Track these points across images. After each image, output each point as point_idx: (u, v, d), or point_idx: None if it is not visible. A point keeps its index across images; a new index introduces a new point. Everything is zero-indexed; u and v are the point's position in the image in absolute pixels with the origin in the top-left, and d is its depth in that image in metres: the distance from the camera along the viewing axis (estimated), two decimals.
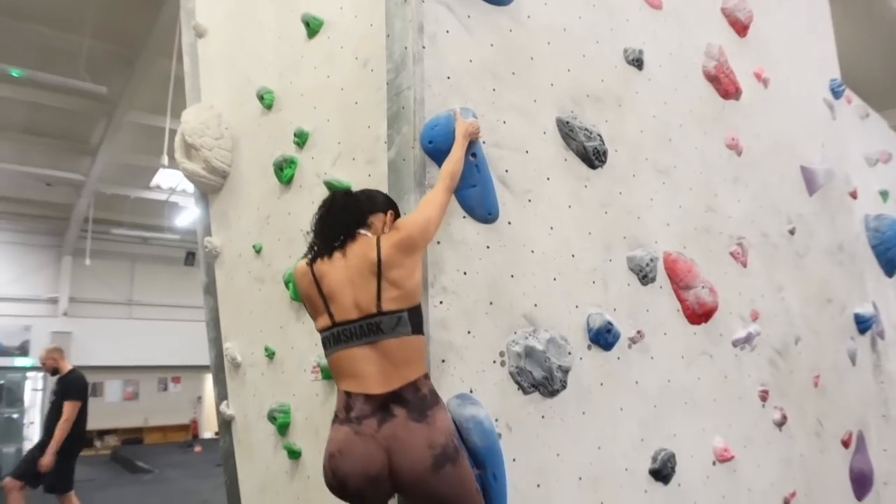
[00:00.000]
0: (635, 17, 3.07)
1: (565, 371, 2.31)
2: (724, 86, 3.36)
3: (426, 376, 1.79)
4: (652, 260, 2.72)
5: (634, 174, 2.84)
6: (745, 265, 3.20)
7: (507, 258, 2.31)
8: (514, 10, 2.60)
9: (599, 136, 2.68)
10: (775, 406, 3.15)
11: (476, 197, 2.26)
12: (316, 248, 1.88)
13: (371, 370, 1.72)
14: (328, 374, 2.44)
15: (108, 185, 13.00)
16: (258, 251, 3.06)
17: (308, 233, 1.94)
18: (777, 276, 3.39)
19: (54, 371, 5.18)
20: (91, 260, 13.88)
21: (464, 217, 2.25)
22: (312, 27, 2.86)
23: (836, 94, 4.24)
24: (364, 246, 1.82)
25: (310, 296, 1.85)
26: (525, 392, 2.23)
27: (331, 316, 1.79)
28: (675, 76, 3.18)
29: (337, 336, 1.77)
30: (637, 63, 2.99)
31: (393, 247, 1.81)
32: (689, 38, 3.32)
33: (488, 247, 2.28)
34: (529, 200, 2.44)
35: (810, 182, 3.76)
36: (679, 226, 2.95)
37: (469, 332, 2.16)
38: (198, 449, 14.18)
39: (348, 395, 1.74)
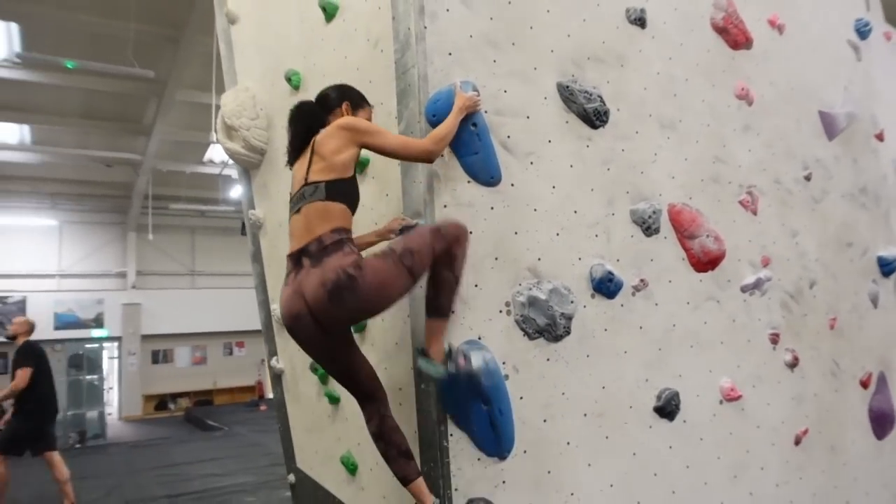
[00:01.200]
0: None
1: (568, 318, 2.56)
2: (733, 36, 3.42)
3: (334, 231, 2.09)
4: (655, 212, 2.90)
5: (638, 131, 2.99)
6: (755, 213, 3.32)
7: (511, 217, 2.55)
8: None
9: (600, 97, 2.85)
10: (787, 348, 3.31)
11: (479, 163, 2.49)
12: (288, 153, 2.32)
13: (296, 233, 2.16)
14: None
15: (163, 162, 13.74)
16: None
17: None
18: (791, 222, 3.49)
19: (13, 338, 6.00)
20: (154, 234, 14.80)
21: (468, 182, 2.49)
22: (329, 11, 3.10)
23: (862, 34, 4.18)
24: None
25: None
26: (530, 338, 2.49)
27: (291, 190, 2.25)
28: (680, 31, 3.26)
29: (289, 206, 2.24)
30: (640, 22, 3.10)
31: (333, 126, 2.18)
32: None
33: (492, 208, 2.52)
34: (531, 163, 2.65)
35: (830, 126, 3.79)
36: (685, 177, 3.10)
37: (476, 286, 2.43)
38: (263, 408, 15.17)
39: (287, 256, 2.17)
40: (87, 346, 13.42)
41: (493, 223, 2.50)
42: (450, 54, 2.55)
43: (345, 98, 2.40)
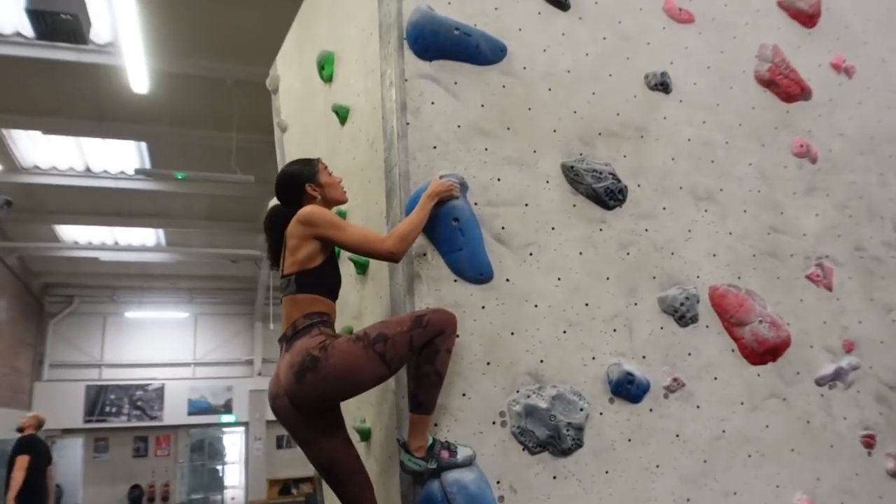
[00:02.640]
0: (658, 39, 2.96)
1: (578, 428, 2.26)
2: (783, 88, 3.05)
3: (306, 315, 2.13)
4: (688, 298, 2.55)
5: (665, 207, 2.70)
6: (829, 288, 2.82)
7: (506, 316, 2.35)
8: (506, 65, 2.68)
9: (612, 174, 2.62)
10: (889, 453, 2.69)
11: (464, 260, 2.34)
12: (269, 259, 2.42)
13: (283, 321, 2.22)
14: None
15: None
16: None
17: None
18: (883, 295, 2.92)
19: (21, 430, 6.67)
20: (274, 324, 15.74)
21: (455, 281, 2.34)
22: (342, 115, 3.19)
23: None
24: None
25: None
26: (531, 452, 2.22)
27: None
28: (715, 90, 2.97)
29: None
30: (662, 87, 2.87)
31: (295, 220, 2.20)
32: (733, 44, 3.09)
33: (483, 307, 2.34)
34: (531, 254, 2.45)
35: None
36: (730, 254, 2.72)
37: (464, 395, 2.23)
38: None
39: None
40: (211, 431, 14.24)
41: (483, 324, 2.31)
42: (434, 148, 2.48)
43: (302, 181, 2.31)
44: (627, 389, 2.36)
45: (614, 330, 2.46)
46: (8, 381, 12.72)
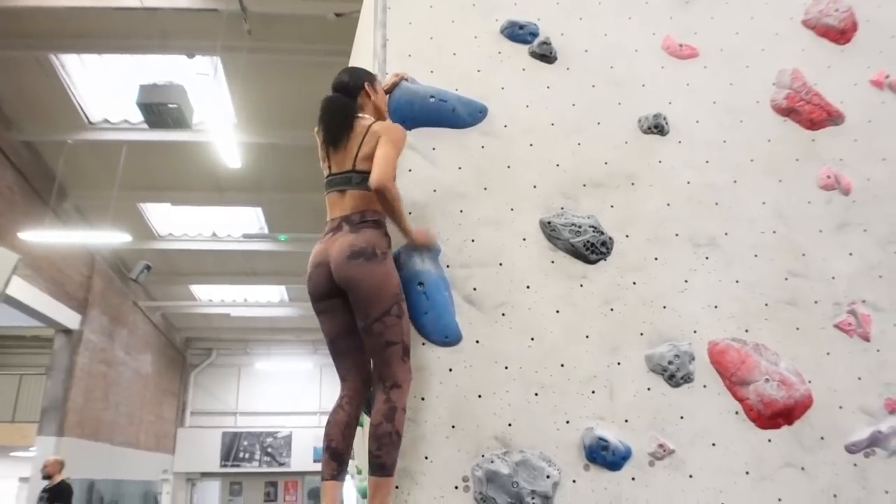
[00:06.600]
0: (654, 79, 2.90)
1: (544, 496, 2.22)
2: (806, 115, 2.84)
3: (375, 212, 2.31)
4: (678, 356, 2.42)
5: (657, 257, 2.60)
6: (865, 338, 2.53)
7: (473, 378, 2.38)
8: (486, 125, 2.77)
9: (593, 227, 2.59)
10: None
11: (430, 323, 2.42)
12: (326, 138, 2.44)
13: (339, 205, 2.37)
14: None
15: None
16: None
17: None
18: None
19: (48, 477, 7.08)
20: None
21: (423, 344, 2.42)
22: None
23: None
24: (357, 125, 2.41)
25: (322, 153, 2.48)
26: None
27: (329, 168, 2.44)
28: (722, 127, 2.84)
29: (329, 182, 2.42)
30: (657, 129, 2.80)
31: (384, 128, 2.36)
32: (745, 74, 2.94)
33: (451, 369, 2.39)
34: (503, 314, 2.48)
35: None
36: (736, 305, 2.55)
37: (427, 458, 2.28)
38: None
39: (326, 222, 2.38)
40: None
41: (449, 387, 2.37)
42: (409, 213, 2.61)
43: (368, 78, 2.54)
44: (602, 456, 2.27)
45: (592, 391, 2.39)
46: (154, 427, 14.29)
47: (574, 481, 2.27)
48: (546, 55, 2.91)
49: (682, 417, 2.38)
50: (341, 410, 2.28)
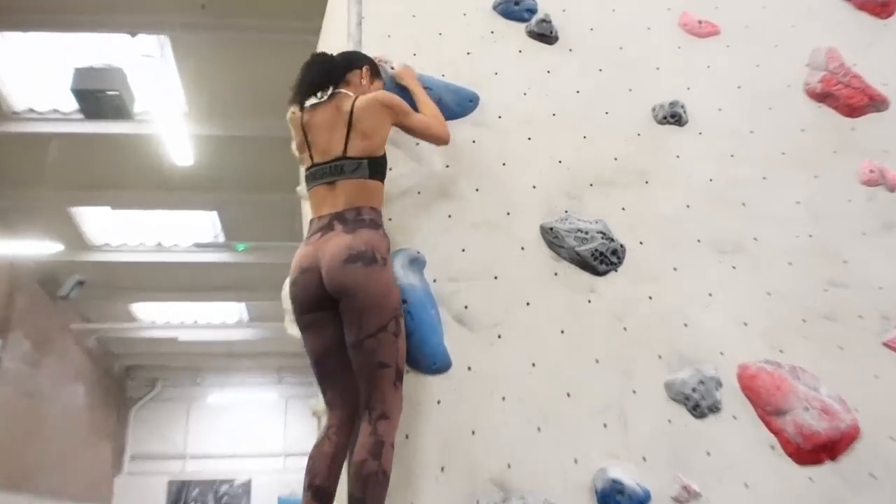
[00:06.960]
0: (670, 61, 2.97)
1: None
2: (844, 100, 2.92)
3: (373, 209, 2.35)
4: (702, 382, 2.46)
5: (676, 266, 2.65)
6: None
7: (466, 411, 2.41)
8: (478, 116, 2.82)
9: (602, 233, 2.63)
10: None
11: (415, 348, 2.44)
12: (298, 92, 2.50)
13: (330, 200, 2.38)
14: None
15: None
16: None
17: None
18: None
19: None
20: None
21: (407, 372, 2.44)
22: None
23: None
24: (341, 101, 2.46)
25: (300, 140, 2.52)
26: None
27: (311, 157, 2.45)
28: (748, 114, 2.91)
29: (313, 174, 2.43)
30: (674, 119, 2.86)
31: (375, 101, 2.40)
32: (774, 54, 3.02)
33: (439, 401, 2.42)
34: (499, 336, 2.51)
35: None
36: (767, 321, 2.60)
37: None
38: None
39: (311, 221, 2.40)
40: None
41: (437, 422, 2.39)
42: (389, 220, 2.63)
43: (365, 62, 2.62)
44: (617, 501, 2.30)
45: (604, 425, 2.43)
46: (87, 474, 14.15)
47: None
48: (546, 34, 2.96)
49: (708, 454, 2.42)
50: (328, 441, 2.27)
